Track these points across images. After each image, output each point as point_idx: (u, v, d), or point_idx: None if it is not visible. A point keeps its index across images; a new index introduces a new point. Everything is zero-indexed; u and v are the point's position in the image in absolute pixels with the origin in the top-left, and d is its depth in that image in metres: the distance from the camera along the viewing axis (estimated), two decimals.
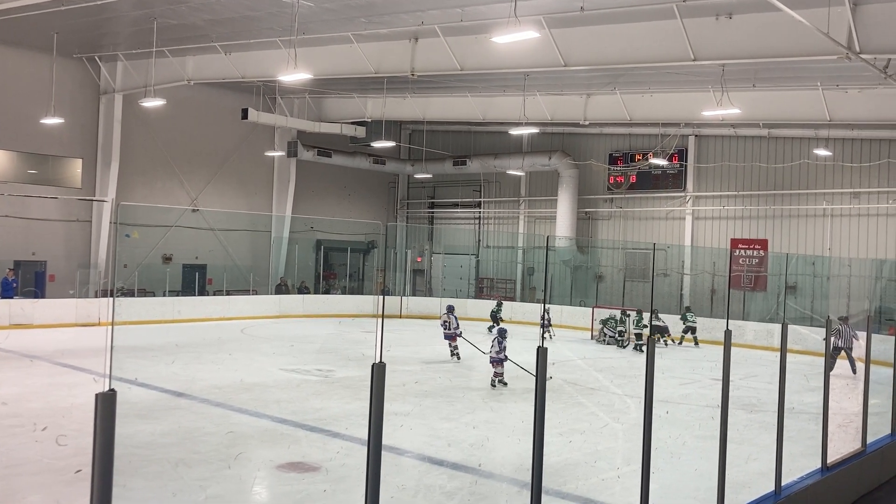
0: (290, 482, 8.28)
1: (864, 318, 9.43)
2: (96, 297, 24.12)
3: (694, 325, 22.95)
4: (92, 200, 25.85)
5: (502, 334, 14.79)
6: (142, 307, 23.87)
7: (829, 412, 8.27)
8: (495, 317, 24.85)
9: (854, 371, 14.41)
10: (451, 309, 18.20)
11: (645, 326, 21.57)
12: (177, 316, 24.18)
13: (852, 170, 25.30)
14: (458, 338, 17.79)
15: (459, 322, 18.20)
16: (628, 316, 22.57)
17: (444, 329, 17.98)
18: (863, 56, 14.18)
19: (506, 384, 14.52)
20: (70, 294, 23.88)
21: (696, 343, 22.65)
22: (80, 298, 23.40)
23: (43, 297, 23.51)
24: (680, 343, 22.77)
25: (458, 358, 17.75)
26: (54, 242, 25.24)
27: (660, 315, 22.71)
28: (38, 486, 7.96)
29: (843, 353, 16.03)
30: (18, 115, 24.03)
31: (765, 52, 15.54)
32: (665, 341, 22.50)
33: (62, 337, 19.50)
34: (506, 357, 14.59)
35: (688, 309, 23.96)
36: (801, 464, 8.40)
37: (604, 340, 22.87)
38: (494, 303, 26.28)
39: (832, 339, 16.92)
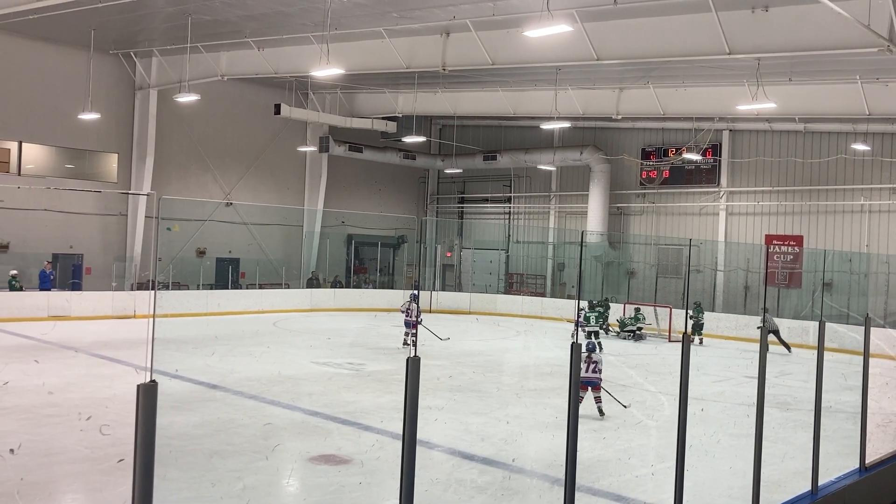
0: (323, 474, 8.35)
1: None
2: (132, 289, 24.51)
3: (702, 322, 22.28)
4: (129, 194, 26.26)
5: (590, 349, 11.76)
6: (176, 300, 24.19)
7: (868, 411, 8.14)
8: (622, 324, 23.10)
9: (789, 350, 20.47)
10: (414, 297, 18.31)
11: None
12: (211, 309, 24.48)
13: (892, 165, 24.81)
14: (418, 326, 17.74)
15: (421, 311, 18.25)
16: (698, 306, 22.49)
17: (406, 316, 17.99)
18: None
19: (602, 414, 11.54)
20: (113, 287, 24.29)
21: (700, 342, 21.88)
22: (116, 291, 23.80)
23: (80, 289, 23.95)
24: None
25: (414, 346, 17.64)
26: (91, 236, 25.69)
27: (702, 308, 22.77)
28: (76, 475, 8.13)
29: (773, 335, 20.13)
30: (56, 110, 24.48)
31: (802, 45, 15.27)
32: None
33: (99, 329, 19.86)
34: (600, 379, 11.56)
35: (697, 305, 23.11)
36: (839, 463, 8.29)
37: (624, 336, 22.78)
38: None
39: (766, 324, 20.57)
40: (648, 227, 30.26)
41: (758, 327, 21.39)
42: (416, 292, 18.82)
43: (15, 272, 22.10)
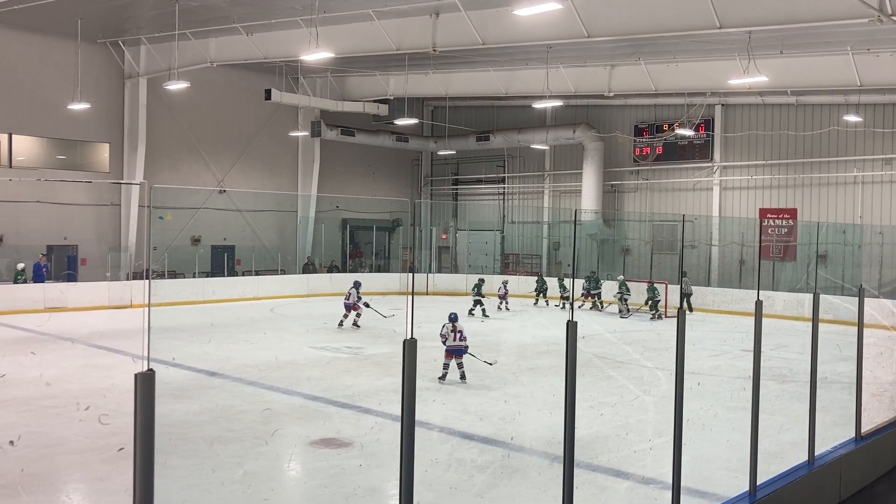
0: (324, 457, 8.40)
1: None
2: (128, 279, 24.49)
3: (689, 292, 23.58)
4: (121, 184, 26.16)
5: (453, 318, 12.63)
6: (172, 289, 24.19)
7: (863, 381, 8.20)
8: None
9: (691, 310, 23.55)
10: (357, 284, 19.44)
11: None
12: (207, 297, 24.47)
13: (884, 135, 24.81)
14: (357, 308, 19.04)
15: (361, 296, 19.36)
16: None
17: (345, 300, 19.29)
18: (895, 18, 13.83)
19: (464, 379, 12.37)
20: (106, 277, 24.27)
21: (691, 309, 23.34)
22: (111, 281, 23.78)
23: (76, 280, 23.92)
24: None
25: (349, 325, 19.03)
26: (85, 227, 25.62)
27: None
28: (78, 465, 8.16)
29: (687, 298, 23.37)
30: (46, 101, 24.32)
31: (793, 17, 15.21)
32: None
33: (96, 319, 19.86)
34: (466, 347, 12.50)
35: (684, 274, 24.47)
36: (835, 433, 8.35)
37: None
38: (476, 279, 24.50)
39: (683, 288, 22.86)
40: (642, 204, 30.28)
41: (686, 294, 23.36)
42: (358, 280, 20.12)
43: (22, 266, 22.09)
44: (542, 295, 26.05)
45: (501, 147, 33.08)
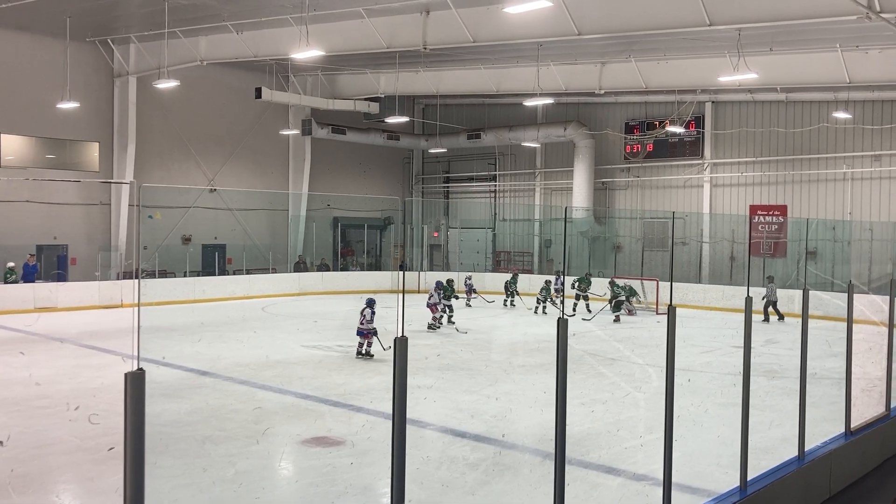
0: (316, 456, 8.39)
1: (888, 282, 9.40)
2: (118, 279, 24.38)
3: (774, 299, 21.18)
4: (111, 183, 26.04)
5: (369, 303, 14.83)
6: (163, 288, 24.10)
7: (853, 376, 8.24)
8: (508, 289, 24.91)
9: (781, 318, 20.84)
10: (439, 284, 19.10)
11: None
12: (198, 296, 24.39)
13: (873, 132, 24.94)
14: (435, 310, 18.84)
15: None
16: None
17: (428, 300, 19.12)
18: (883, 15, 13.90)
19: (359, 355, 14.53)
20: (95, 276, 24.16)
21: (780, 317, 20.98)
22: (101, 281, 23.68)
23: (65, 280, 23.80)
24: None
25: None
26: (75, 226, 25.50)
27: None
28: (69, 465, 8.13)
29: (772, 305, 21.18)
30: (35, 100, 24.18)
31: (782, 14, 15.27)
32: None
33: (86, 319, 19.78)
34: (371, 330, 14.51)
35: (770, 279, 22.27)
36: (825, 429, 8.39)
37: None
38: (510, 275, 25.87)
39: (766, 294, 21.28)
40: (633, 202, 30.35)
41: (769, 301, 21.10)
42: (440, 280, 19.72)
43: (12, 265, 21.98)
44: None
45: (492, 145, 33.09)
